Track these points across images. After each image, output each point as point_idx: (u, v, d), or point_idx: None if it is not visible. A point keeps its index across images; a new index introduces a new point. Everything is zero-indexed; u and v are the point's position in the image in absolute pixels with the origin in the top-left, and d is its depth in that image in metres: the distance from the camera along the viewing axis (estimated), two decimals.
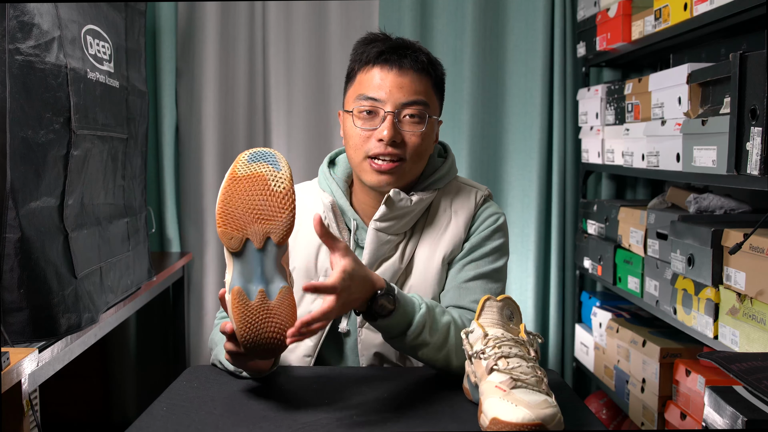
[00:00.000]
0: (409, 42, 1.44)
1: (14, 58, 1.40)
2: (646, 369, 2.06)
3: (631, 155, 2.17)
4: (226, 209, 1.14)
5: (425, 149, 1.43)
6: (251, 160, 1.17)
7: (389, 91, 1.38)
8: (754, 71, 1.46)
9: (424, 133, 1.40)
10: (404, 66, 1.39)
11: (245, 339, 1.11)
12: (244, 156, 1.17)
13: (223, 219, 1.14)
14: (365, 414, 1.16)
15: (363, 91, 1.40)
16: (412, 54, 1.40)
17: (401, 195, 1.41)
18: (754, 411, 0.94)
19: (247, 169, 1.16)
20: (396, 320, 1.24)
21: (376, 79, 1.39)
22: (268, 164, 1.17)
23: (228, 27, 2.73)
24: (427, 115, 1.40)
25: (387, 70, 1.39)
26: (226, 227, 1.13)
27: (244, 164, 1.16)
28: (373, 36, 1.45)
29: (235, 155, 2.74)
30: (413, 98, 1.39)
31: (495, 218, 1.47)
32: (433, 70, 1.43)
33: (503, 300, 1.20)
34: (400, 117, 1.38)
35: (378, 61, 1.40)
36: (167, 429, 1.10)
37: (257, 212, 1.14)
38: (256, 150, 1.19)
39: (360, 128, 1.40)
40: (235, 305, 1.11)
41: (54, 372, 1.53)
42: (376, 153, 1.38)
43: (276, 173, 1.17)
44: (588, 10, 2.54)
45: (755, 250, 1.51)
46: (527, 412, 1.00)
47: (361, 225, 1.46)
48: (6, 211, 1.41)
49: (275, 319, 1.12)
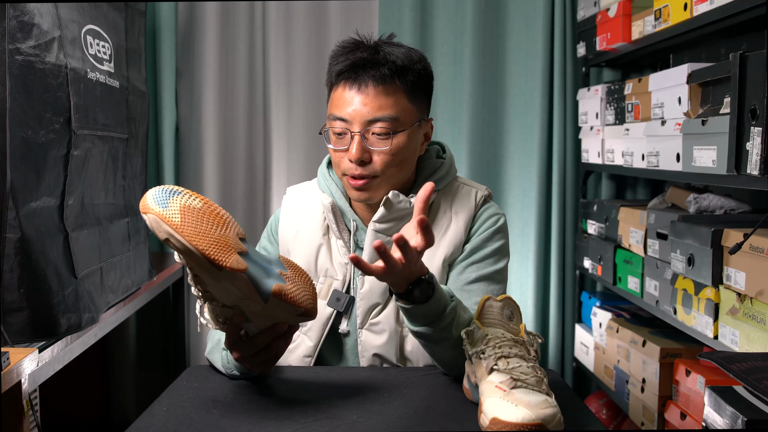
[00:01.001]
0: (373, 52, 1.38)
1: (14, 58, 1.40)
2: (646, 369, 2.06)
3: (631, 155, 2.17)
4: (210, 248, 1.09)
5: (401, 161, 1.40)
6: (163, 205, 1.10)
7: (353, 111, 1.36)
8: (754, 71, 1.46)
9: (393, 149, 1.37)
10: (364, 83, 1.36)
11: (311, 307, 1.19)
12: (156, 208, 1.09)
13: (218, 256, 1.08)
14: (365, 414, 1.16)
15: (332, 111, 1.39)
16: (373, 69, 1.36)
17: (400, 197, 1.40)
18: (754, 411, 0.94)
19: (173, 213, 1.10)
20: (430, 308, 1.22)
21: (341, 98, 1.38)
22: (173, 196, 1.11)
23: (228, 27, 2.73)
24: (393, 131, 1.36)
25: (349, 89, 1.37)
26: (226, 259, 1.09)
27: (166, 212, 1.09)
28: (340, 48, 1.41)
29: (236, 155, 2.75)
30: (377, 116, 1.36)
31: (495, 219, 1.47)
32: (400, 77, 1.37)
33: (503, 300, 1.20)
34: (367, 135, 1.37)
35: (340, 79, 1.38)
36: (167, 429, 1.10)
37: (218, 228, 1.12)
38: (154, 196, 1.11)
39: (333, 148, 1.40)
40: (287, 299, 1.14)
41: (54, 372, 1.53)
42: (350, 174, 1.39)
43: (184, 197, 1.12)
44: (588, 10, 2.54)
45: (755, 250, 1.51)
46: (527, 412, 1.00)
47: (360, 226, 1.46)
48: (6, 211, 1.41)
49: (304, 277, 1.20)
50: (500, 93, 2.75)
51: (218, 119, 2.73)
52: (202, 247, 1.08)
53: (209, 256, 1.08)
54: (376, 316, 1.43)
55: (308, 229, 1.50)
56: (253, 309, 1.16)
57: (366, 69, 1.36)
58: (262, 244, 1.57)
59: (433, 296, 1.22)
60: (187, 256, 1.09)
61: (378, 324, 1.43)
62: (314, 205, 1.52)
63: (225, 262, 1.08)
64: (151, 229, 1.10)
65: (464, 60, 2.69)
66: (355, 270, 1.45)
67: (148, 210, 1.10)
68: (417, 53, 1.43)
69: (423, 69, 1.42)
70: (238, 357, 1.23)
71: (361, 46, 1.40)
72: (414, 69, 1.40)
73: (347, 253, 1.45)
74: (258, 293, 1.13)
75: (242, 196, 2.78)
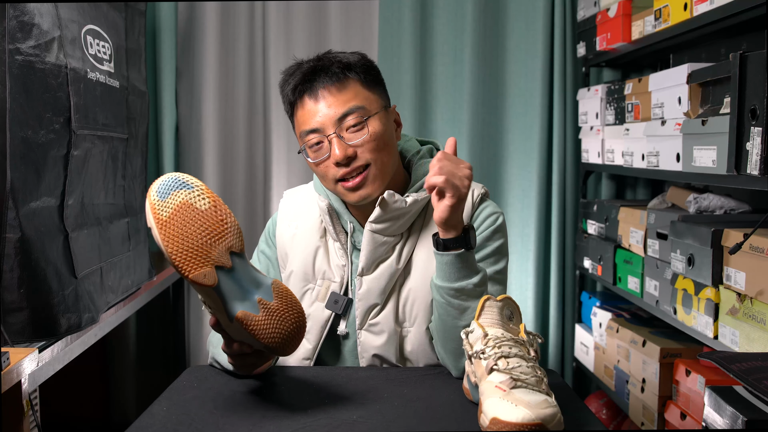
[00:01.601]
0: (317, 60, 1.42)
1: (14, 58, 1.40)
2: (646, 369, 2.06)
3: (631, 155, 2.17)
4: (180, 254, 1.07)
5: (384, 145, 1.41)
6: (162, 196, 1.09)
7: (321, 117, 1.38)
8: (754, 71, 1.46)
9: (372, 134, 1.39)
10: (318, 87, 1.39)
11: (276, 346, 1.13)
12: (154, 197, 1.10)
13: (184, 264, 1.07)
14: (365, 414, 1.16)
15: (302, 128, 1.41)
16: (321, 72, 1.39)
17: (396, 197, 1.40)
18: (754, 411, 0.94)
19: (167, 207, 1.09)
20: (472, 258, 1.32)
21: (304, 113, 1.40)
22: (181, 189, 1.11)
23: (228, 27, 2.73)
24: (365, 117, 1.39)
25: (307, 99, 1.40)
26: (192, 270, 1.08)
27: (160, 204, 1.09)
28: (286, 74, 1.45)
29: (235, 155, 2.75)
30: (343, 110, 1.38)
31: (494, 218, 1.46)
32: (351, 71, 1.40)
33: (503, 300, 1.20)
34: (342, 133, 1.38)
35: (296, 95, 1.41)
36: (167, 429, 1.10)
37: (207, 237, 1.09)
38: (159, 184, 1.11)
39: (315, 162, 1.41)
40: (248, 328, 1.11)
41: (54, 372, 1.53)
42: (342, 175, 1.39)
43: (192, 193, 1.11)
44: (588, 10, 2.54)
45: (755, 250, 1.51)
46: (527, 412, 1.00)
47: (357, 227, 1.46)
48: (6, 211, 1.41)
49: (286, 314, 1.14)
50: (500, 93, 2.75)
51: (218, 119, 2.73)
52: (172, 251, 1.07)
53: (175, 262, 1.07)
54: (375, 317, 1.43)
55: (305, 231, 1.50)
56: (223, 320, 1.15)
57: (317, 75, 1.40)
58: (261, 248, 1.57)
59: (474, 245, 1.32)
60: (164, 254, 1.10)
61: (377, 325, 1.43)
62: (311, 207, 1.52)
63: (189, 273, 1.07)
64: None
65: (464, 60, 2.69)
66: (352, 272, 1.45)
67: (148, 196, 1.10)
68: (357, 53, 1.46)
69: (367, 62, 1.46)
70: (223, 349, 1.26)
71: (303, 63, 1.44)
72: (359, 63, 1.43)
73: (344, 255, 1.46)
74: (224, 311, 1.12)
75: (242, 196, 2.78)
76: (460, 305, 1.31)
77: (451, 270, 1.30)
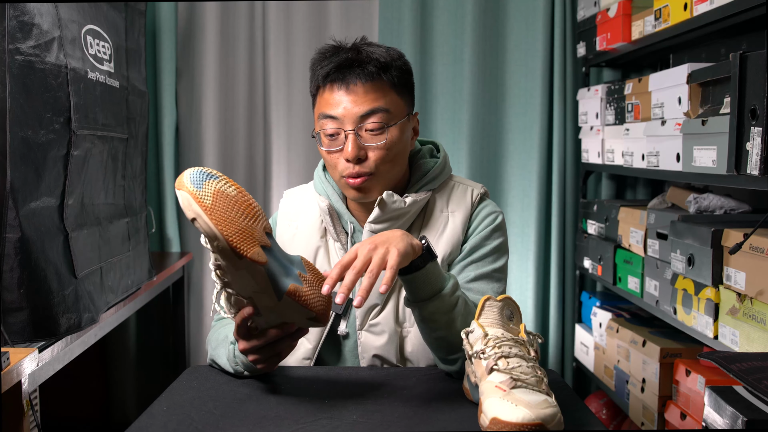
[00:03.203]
0: (357, 52, 1.40)
1: (14, 58, 1.40)
2: (646, 369, 2.06)
3: (631, 155, 2.17)
4: (235, 235, 1.10)
5: (395, 156, 1.40)
6: (198, 186, 1.11)
7: (345, 109, 1.37)
8: (754, 71, 1.46)
9: (388, 143, 1.38)
10: (351, 81, 1.37)
11: (323, 313, 1.17)
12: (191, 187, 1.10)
13: (241, 245, 1.10)
14: (365, 414, 1.16)
15: (322, 110, 1.40)
16: (358, 67, 1.38)
17: (394, 197, 1.40)
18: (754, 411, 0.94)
19: (206, 195, 1.10)
20: (435, 271, 1.25)
21: (330, 99, 1.39)
22: (209, 179, 1.12)
23: (228, 27, 2.73)
24: (387, 123, 1.38)
25: (337, 89, 1.38)
26: (248, 249, 1.10)
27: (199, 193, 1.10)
28: (321, 54, 1.43)
29: (235, 155, 2.75)
30: (368, 109, 1.37)
31: (493, 217, 1.47)
32: (386, 72, 1.39)
33: (503, 300, 1.20)
34: (360, 132, 1.38)
35: (326, 82, 1.39)
36: (167, 429, 1.10)
37: (247, 219, 1.12)
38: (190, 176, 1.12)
39: (327, 150, 1.40)
40: (300, 299, 1.14)
41: (54, 372, 1.53)
42: (348, 173, 1.39)
43: (220, 182, 1.13)
44: (588, 10, 2.54)
45: (755, 250, 1.51)
46: (527, 412, 1.00)
47: (357, 228, 1.46)
48: (6, 211, 1.41)
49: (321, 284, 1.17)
50: (500, 93, 2.75)
51: (218, 119, 2.73)
52: (227, 234, 1.09)
53: (232, 244, 1.09)
54: (375, 317, 1.43)
55: (305, 232, 1.50)
56: (266, 304, 1.17)
57: (352, 68, 1.38)
58: None
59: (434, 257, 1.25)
60: (212, 240, 1.10)
61: (377, 325, 1.43)
62: (311, 208, 1.52)
63: (247, 252, 1.10)
64: (182, 207, 1.11)
65: (464, 60, 2.69)
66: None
67: (182, 187, 1.11)
68: (395, 51, 1.44)
69: (404, 65, 1.44)
70: (244, 348, 1.24)
71: (341, 49, 1.42)
72: (396, 65, 1.42)
73: None
74: (273, 289, 1.14)
75: None
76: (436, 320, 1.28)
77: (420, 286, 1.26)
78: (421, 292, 1.26)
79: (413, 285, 1.26)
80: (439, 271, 1.27)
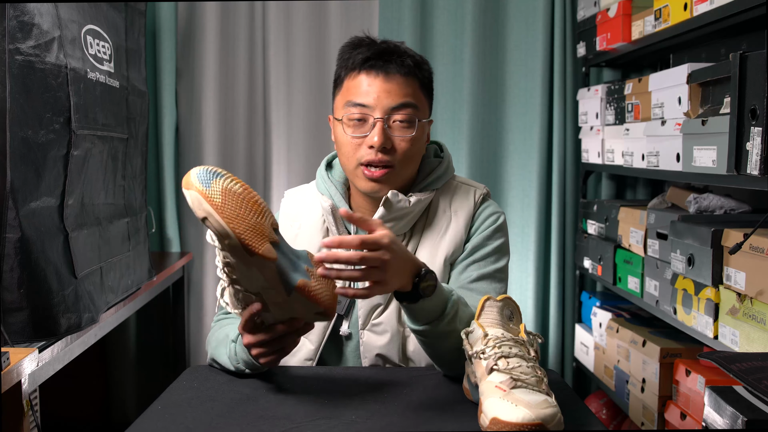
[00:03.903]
0: (395, 46, 1.42)
1: (14, 58, 1.40)
2: (646, 369, 2.06)
3: (631, 155, 2.17)
4: (246, 232, 1.10)
5: (416, 152, 1.43)
6: (206, 185, 1.11)
7: (377, 97, 1.38)
8: (754, 71, 1.46)
9: (414, 137, 1.39)
10: (391, 71, 1.38)
11: (330, 307, 1.17)
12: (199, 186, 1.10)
13: (252, 241, 1.10)
14: (364, 414, 1.15)
15: (351, 98, 1.40)
16: (397, 58, 1.39)
17: (399, 196, 1.41)
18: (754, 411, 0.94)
19: (215, 193, 1.10)
20: (436, 301, 1.23)
21: (363, 85, 1.39)
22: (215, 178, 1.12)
23: (228, 27, 2.73)
24: (416, 119, 1.40)
25: (374, 76, 1.39)
26: (259, 246, 1.11)
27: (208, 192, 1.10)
28: (357, 40, 1.44)
29: (235, 155, 2.75)
30: (401, 101, 1.38)
31: (495, 218, 1.47)
32: (419, 71, 1.42)
33: (503, 300, 1.20)
34: (389, 123, 1.38)
35: (364, 67, 1.39)
36: (167, 429, 1.10)
37: (255, 216, 1.13)
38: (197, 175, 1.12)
39: (350, 136, 1.40)
40: (310, 294, 1.14)
41: (54, 372, 1.53)
42: (368, 161, 1.39)
43: (226, 179, 1.13)
44: (588, 10, 2.54)
45: (755, 250, 1.51)
46: (527, 412, 1.00)
47: None
48: (6, 211, 1.41)
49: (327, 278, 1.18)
50: (500, 93, 2.75)
51: (218, 119, 2.73)
52: (239, 231, 1.09)
53: (244, 241, 1.10)
54: (378, 317, 1.43)
55: (308, 231, 1.50)
56: (275, 300, 1.17)
57: (392, 58, 1.39)
58: None
59: (437, 287, 1.23)
60: (222, 238, 1.11)
61: (380, 324, 1.43)
62: (313, 207, 1.52)
63: (258, 249, 1.10)
64: (191, 206, 1.11)
65: (464, 60, 2.69)
66: None
67: (190, 186, 1.11)
68: (423, 57, 1.47)
69: (431, 70, 1.48)
70: (249, 342, 1.25)
71: (375, 40, 1.44)
72: (426, 68, 1.45)
73: None
74: (282, 285, 1.14)
75: None
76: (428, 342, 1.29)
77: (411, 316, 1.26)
78: (416, 319, 1.26)
79: (408, 311, 1.26)
80: (432, 307, 1.24)
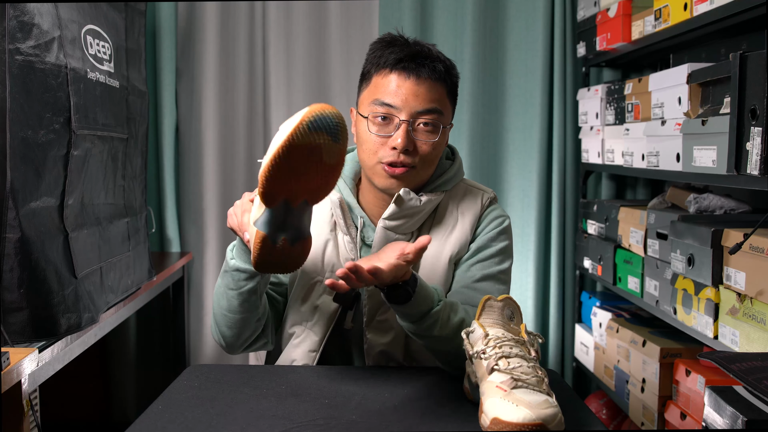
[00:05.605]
0: (428, 49, 1.42)
1: (14, 58, 1.40)
2: (646, 369, 2.06)
3: (631, 155, 2.17)
4: (274, 175, 1.10)
5: (436, 156, 1.43)
6: (312, 128, 1.10)
7: (405, 99, 1.38)
8: (754, 71, 1.46)
9: (436, 142, 1.40)
10: (422, 75, 1.38)
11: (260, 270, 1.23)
12: (306, 123, 1.10)
13: (268, 183, 1.11)
14: (364, 414, 1.15)
15: (379, 96, 1.40)
16: (430, 63, 1.39)
17: (411, 195, 1.42)
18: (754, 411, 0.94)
19: (306, 138, 1.09)
20: (411, 309, 1.27)
21: (392, 85, 1.39)
22: (328, 135, 1.12)
23: (228, 27, 2.73)
24: (441, 124, 1.40)
25: (404, 78, 1.39)
26: (270, 191, 1.11)
27: (304, 132, 1.09)
28: (391, 38, 1.44)
29: (235, 155, 2.74)
30: (428, 107, 1.39)
31: (501, 220, 1.49)
32: (449, 77, 1.42)
33: (504, 300, 1.20)
34: (414, 125, 1.39)
35: (396, 67, 1.39)
36: (167, 429, 1.10)
37: (303, 179, 1.13)
38: (318, 114, 1.11)
39: (374, 134, 1.40)
40: (258, 249, 1.17)
41: (54, 372, 1.53)
42: (390, 161, 1.39)
43: (333, 146, 1.13)
44: (588, 10, 2.54)
45: (755, 250, 1.51)
46: (528, 412, 1.00)
47: (368, 223, 1.47)
48: (6, 211, 1.41)
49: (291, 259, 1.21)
50: (500, 93, 2.75)
51: (218, 119, 2.73)
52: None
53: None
54: (383, 314, 1.44)
55: (315, 224, 1.50)
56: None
57: (425, 62, 1.39)
58: None
59: (412, 300, 1.26)
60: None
61: (385, 322, 1.44)
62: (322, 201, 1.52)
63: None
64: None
65: (464, 60, 2.69)
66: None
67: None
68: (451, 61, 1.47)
69: (458, 75, 1.48)
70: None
71: (408, 40, 1.43)
72: (454, 73, 1.45)
73: (354, 249, 1.46)
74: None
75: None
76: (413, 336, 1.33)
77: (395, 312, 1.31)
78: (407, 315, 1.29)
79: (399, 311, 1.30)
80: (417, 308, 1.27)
